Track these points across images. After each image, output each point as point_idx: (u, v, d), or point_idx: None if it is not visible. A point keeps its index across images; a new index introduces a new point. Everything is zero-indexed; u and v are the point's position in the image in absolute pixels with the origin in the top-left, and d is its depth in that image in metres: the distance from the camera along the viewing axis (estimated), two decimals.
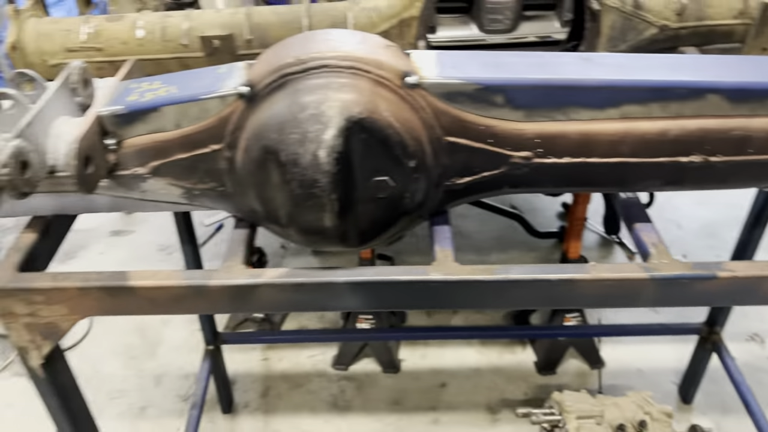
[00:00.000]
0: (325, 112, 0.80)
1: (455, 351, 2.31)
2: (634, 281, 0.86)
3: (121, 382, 2.21)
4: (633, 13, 1.15)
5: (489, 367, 2.25)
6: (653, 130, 0.86)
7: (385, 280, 0.87)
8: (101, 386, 2.19)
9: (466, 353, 2.30)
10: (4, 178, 0.80)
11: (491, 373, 2.23)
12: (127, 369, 2.27)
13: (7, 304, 0.88)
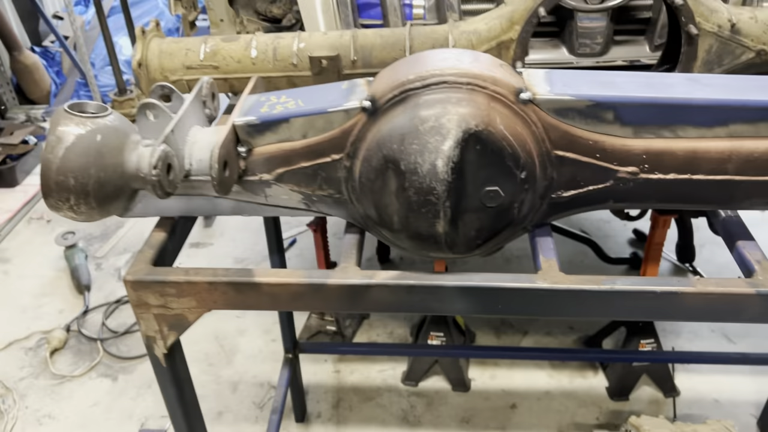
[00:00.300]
0: (444, 124, 0.85)
1: (525, 373, 2.31)
2: (740, 296, 0.87)
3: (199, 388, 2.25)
4: (730, 38, 1.17)
5: (560, 390, 2.24)
6: (760, 149, 0.89)
7: (493, 287, 0.91)
8: None
9: (536, 376, 2.29)
10: (154, 178, 0.88)
11: (562, 397, 2.22)
12: (205, 375, 2.35)
13: (142, 295, 0.96)
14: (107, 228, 3.14)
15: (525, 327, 2.50)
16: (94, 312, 2.64)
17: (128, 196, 1.01)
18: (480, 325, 2.51)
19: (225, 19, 1.67)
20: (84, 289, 2.69)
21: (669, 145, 0.90)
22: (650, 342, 2.15)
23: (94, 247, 3.00)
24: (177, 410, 1.09)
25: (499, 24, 1.23)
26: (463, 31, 1.25)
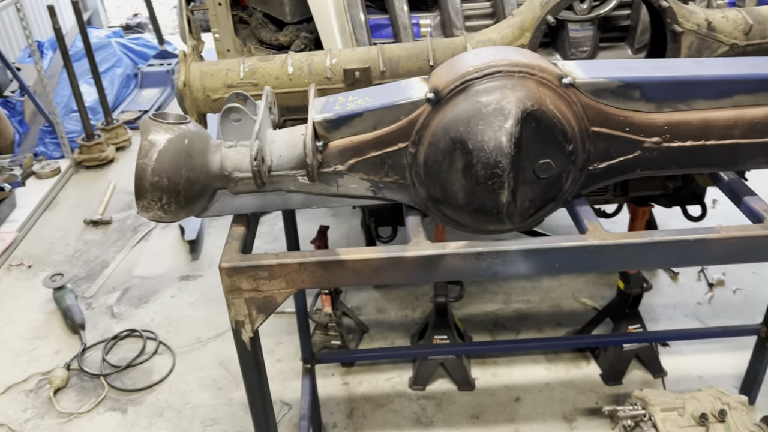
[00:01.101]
0: (505, 106, 1.00)
1: (524, 368, 2.44)
2: (757, 238, 1.04)
3: (212, 411, 2.32)
4: (708, 35, 1.37)
5: (558, 381, 2.38)
6: (760, 115, 1.07)
7: (552, 247, 1.05)
8: (194, 416, 2.30)
9: (535, 370, 2.43)
10: (255, 169, 0.99)
11: (561, 386, 2.36)
12: (216, 399, 2.38)
13: (236, 281, 1.04)
14: (92, 269, 3.13)
15: (517, 327, 2.64)
16: (92, 350, 2.63)
17: (210, 195, 1.11)
18: (476, 329, 2.64)
19: (232, 49, 1.78)
20: (79, 328, 2.67)
21: (685, 116, 1.07)
22: (636, 327, 2.33)
23: (81, 288, 2.98)
24: (257, 395, 1.17)
25: (511, 32, 1.39)
26: (479, 40, 1.41)
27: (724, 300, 2.73)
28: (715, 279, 2.83)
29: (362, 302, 2.84)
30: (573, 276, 2.88)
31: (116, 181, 3.93)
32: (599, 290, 2.78)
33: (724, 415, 1.83)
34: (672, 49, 1.39)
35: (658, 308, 2.68)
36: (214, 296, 2.92)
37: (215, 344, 2.65)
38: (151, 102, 4.86)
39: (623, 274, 2.29)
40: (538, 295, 2.81)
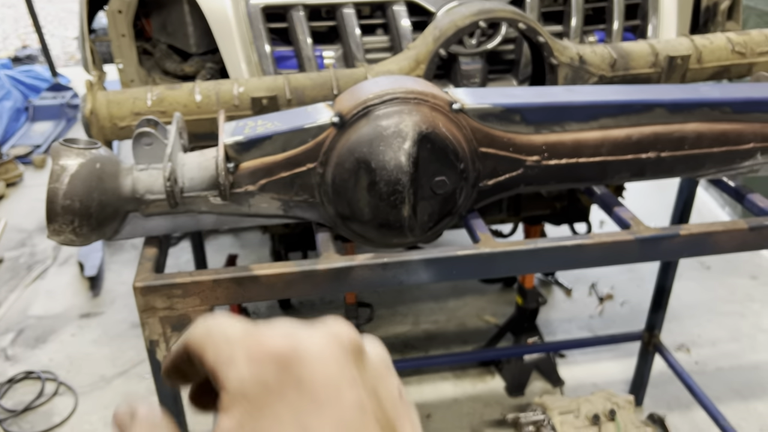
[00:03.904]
0: (402, 129, 1.09)
1: (433, 386, 2.53)
2: (625, 242, 1.19)
3: None
4: (580, 67, 1.54)
5: (465, 396, 2.49)
6: (622, 135, 1.22)
7: (448, 256, 1.14)
8: None
9: (443, 387, 2.53)
10: (168, 189, 1.03)
11: (469, 401, 2.47)
12: None
13: (150, 300, 1.07)
14: None
15: (426, 346, 2.74)
16: None
17: (122, 218, 1.14)
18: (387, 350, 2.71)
19: (136, 79, 1.80)
20: None
21: (560, 137, 1.21)
22: (534, 339, 2.49)
23: None
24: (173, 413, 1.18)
25: (408, 64, 1.51)
26: (378, 71, 1.52)
27: (613, 312, 2.96)
28: (604, 293, 3.06)
29: None
30: (476, 295, 3.03)
31: (7, 218, 3.75)
32: (500, 308, 2.94)
33: (614, 414, 1.99)
34: (550, 80, 1.55)
35: (554, 322, 2.87)
36: (118, 333, 2.84)
37: (120, 381, 2.58)
38: (44, 136, 4.68)
39: (521, 290, 2.46)
40: (445, 315, 2.93)
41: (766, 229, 1.24)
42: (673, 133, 1.24)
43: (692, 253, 1.25)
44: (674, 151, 1.25)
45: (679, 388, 2.24)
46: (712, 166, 1.31)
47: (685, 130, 1.24)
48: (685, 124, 1.24)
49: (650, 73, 1.58)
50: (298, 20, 1.66)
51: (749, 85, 1.39)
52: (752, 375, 2.57)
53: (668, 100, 1.22)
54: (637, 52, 1.56)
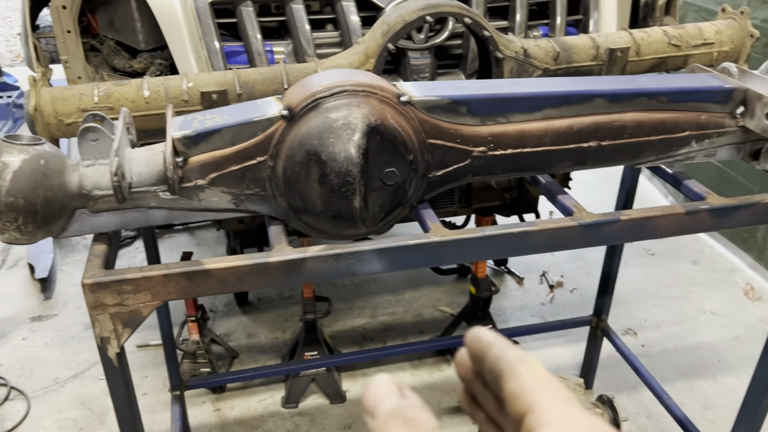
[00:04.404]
0: (352, 121, 1.11)
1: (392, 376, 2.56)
2: (568, 228, 1.23)
3: None
4: (524, 61, 1.59)
5: (423, 384, 2.53)
6: (564, 126, 1.27)
7: (399, 245, 1.17)
8: None
9: (401, 377, 2.56)
10: (116, 184, 1.02)
11: (426, 389, 2.51)
12: None
13: (100, 297, 1.06)
14: None
15: (384, 338, 2.77)
16: None
17: (69, 215, 1.13)
18: (345, 343, 2.73)
19: (83, 77, 1.77)
20: None
21: (505, 128, 1.25)
22: (489, 326, 2.55)
23: None
24: (126, 410, 1.18)
25: (357, 59, 1.53)
26: (328, 65, 1.53)
27: (563, 299, 3.05)
28: (554, 281, 3.14)
29: (231, 328, 2.84)
30: (432, 287, 3.08)
31: None
32: (455, 298, 3.00)
33: None
34: (496, 73, 1.59)
35: (507, 310, 2.94)
36: (71, 335, 2.78)
37: (75, 384, 2.53)
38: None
39: (474, 279, 2.51)
40: (402, 307, 2.96)
41: (701, 213, 1.30)
42: (613, 123, 1.29)
43: (633, 237, 1.31)
44: (614, 139, 1.31)
45: (626, 370, 2.33)
46: (650, 153, 1.37)
47: (624, 119, 1.29)
48: (624, 113, 1.30)
49: (592, 66, 1.63)
50: (247, 15, 1.66)
51: (684, 76, 1.45)
52: (695, 355, 2.69)
53: (607, 91, 1.27)
54: (579, 46, 1.61)
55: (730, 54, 1.72)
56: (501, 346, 0.45)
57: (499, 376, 0.43)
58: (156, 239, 1.95)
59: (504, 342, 0.45)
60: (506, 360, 0.43)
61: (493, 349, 0.45)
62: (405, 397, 0.40)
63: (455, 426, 2.34)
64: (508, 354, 0.44)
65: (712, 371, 2.60)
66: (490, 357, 0.45)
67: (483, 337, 0.46)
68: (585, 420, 0.39)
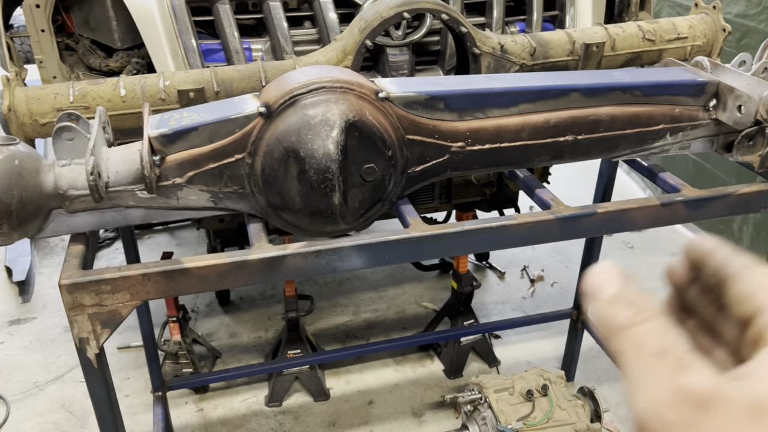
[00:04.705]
0: (330, 118, 1.11)
1: (375, 373, 2.57)
2: (546, 221, 1.24)
3: None
4: (501, 56, 1.60)
5: (406, 380, 2.54)
6: (541, 120, 1.28)
7: (380, 241, 1.17)
8: None
9: (385, 373, 2.57)
10: (92, 183, 1.01)
11: (410, 385, 2.52)
12: None
13: (78, 297, 1.05)
14: None
15: (367, 335, 2.78)
16: None
17: (45, 215, 1.11)
18: (328, 341, 2.73)
19: (58, 76, 1.75)
20: None
21: (482, 123, 1.26)
22: (471, 322, 2.56)
23: None
24: (107, 411, 1.17)
25: (335, 55, 1.53)
26: (306, 63, 1.53)
27: (544, 293, 3.07)
28: (535, 275, 3.17)
29: (213, 328, 2.83)
30: (414, 283, 3.09)
31: None
32: (438, 294, 3.01)
33: (547, 390, 2.08)
34: (473, 69, 1.60)
35: (489, 305, 2.96)
36: (51, 338, 2.75)
37: (55, 387, 2.50)
38: None
39: (455, 274, 2.52)
40: (385, 304, 2.97)
41: (676, 205, 1.32)
42: (589, 117, 1.30)
43: (610, 229, 1.32)
44: (590, 133, 1.32)
45: (607, 362, 2.36)
46: (626, 147, 1.39)
47: (599, 113, 1.31)
48: (600, 107, 1.31)
49: (568, 61, 1.65)
50: (224, 13, 1.65)
51: (658, 70, 1.47)
52: None
53: (583, 85, 1.29)
54: (556, 41, 1.63)
55: (703, 48, 1.75)
56: (727, 252, 0.45)
57: (724, 281, 0.43)
58: (135, 240, 1.94)
59: (730, 249, 0.45)
60: (734, 264, 0.44)
61: (717, 254, 0.45)
62: (628, 284, 0.40)
63: (439, 420, 2.35)
64: (735, 259, 0.44)
65: None
66: (714, 262, 0.45)
67: (706, 243, 0.46)
68: None
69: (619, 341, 0.37)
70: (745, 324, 0.41)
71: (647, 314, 0.37)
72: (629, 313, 0.37)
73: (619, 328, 0.37)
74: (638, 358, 0.36)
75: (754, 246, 3.07)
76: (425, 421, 2.36)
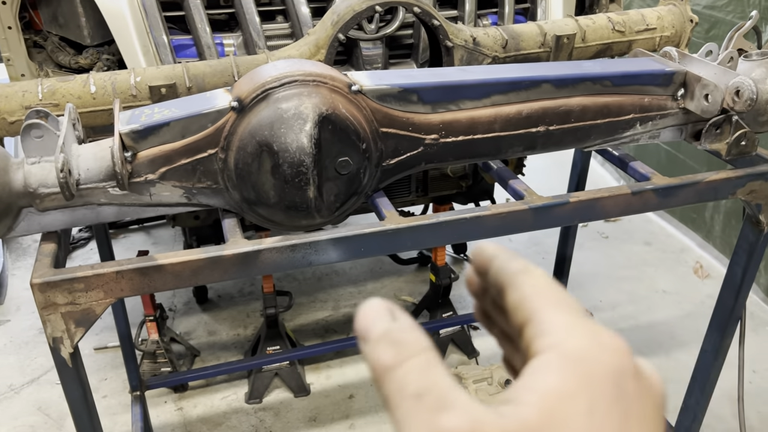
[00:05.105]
0: (303, 111, 1.11)
1: (355, 367, 2.58)
2: (520, 211, 1.26)
3: None
4: (474, 49, 1.61)
5: None
6: (513, 111, 1.29)
7: (355, 234, 1.18)
8: None
9: (365, 367, 2.57)
10: (62, 181, 1.00)
11: None
12: None
13: (50, 296, 1.04)
14: None
15: (347, 330, 2.78)
16: None
17: (15, 214, 1.10)
18: (308, 337, 2.73)
19: (27, 73, 1.73)
20: None
21: (456, 115, 1.26)
22: (449, 313, 2.58)
23: None
24: (83, 411, 1.16)
25: (308, 49, 1.52)
26: (279, 57, 1.52)
27: None
28: None
29: (191, 326, 2.81)
30: (393, 277, 3.10)
31: None
32: (417, 287, 3.02)
33: None
34: (446, 62, 1.61)
35: (467, 297, 2.98)
36: (25, 340, 2.71)
37: (31, 390, 2.47)
38: None
39: (433, 267, 2.53)
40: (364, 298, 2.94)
41: (646, 193, 1.34)
42: (560, 107, 1.32)
43: (582, 218, 1.34)
44: (562, 124, 1.34)
45: None
46: (597, 137, 1.40)
47: (570, 104, 1.33)
48: (571, 98, 1.33)
49: (539, 53, 1.67)
50: (195, 8, 1.64)
51: (627, 61, 1.49)
52: (649, 333, 2.77)
53: (554, 76, 1.30)
54: (527, 33, 1.64)
55: (671, 39, 1.78)
56: (504, 257, 0.43)
57: (502, 289, 0.42)
58: (109, 238, 1.92)
59: (508, 253, 0.43)
60: (508, 271, 0.41)
61: (496, 261, 0.43)
62: (396, 320, 0.37)
63: None
64: (510, 265, 0.42)
65: (666, 348, 2.68)
66: (493, 270, 0.43)
67: (486, 250, 0.44)
68: (587, 329, 0.36)
69: (384, 385, 0.34)
70: (521, 333, 0.39)
71: (410, 352, 0.35)
72: (393, 353, 0.35)
73: (384, 370, 0.35)
74: (401, 402, 0.33)
75: (725, 233, 3.13)
76: None
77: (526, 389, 0.34)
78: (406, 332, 0.36)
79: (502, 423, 0.32)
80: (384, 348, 0.35)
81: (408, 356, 0.35)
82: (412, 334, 0.36)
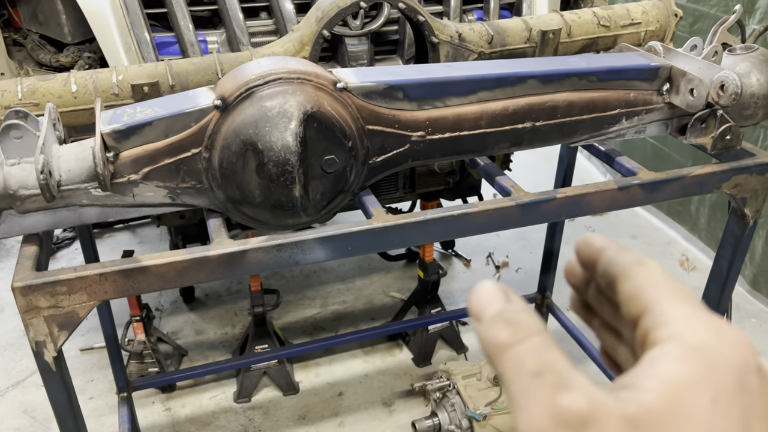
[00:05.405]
0: (287, 109, 1.10)
1: (344, 365, 2.57)
2: (507, 208, 1.26)
3: None
4: (460, 45, 1.60)
5: (376, 370, 2.55)
6: (499, 108, 1.29)
7: (343, 233, 1.17)
8: None
9: (354, 364, 2.57)
10: (43, 182, 0.98)
11: (379, 375, 2.52)
12: None
13: (33, 300, 1.02)
14: None
15: (335, 327, 2.77)
16: None
17: None
18: (296, 335, 2.72)
19: (6, 72, 1.70)
20: None
21: (442, 112, 1.26)
22: (438, 310, 2.58)
23: None
24: (68, 416, 1.14)
25: (293, 46, 1.51)
26: (263, 54, 1.51)
27: (509, 278, 3.11)
28: (500, 262, 3.20)
29: (179, 326, 2.79)
30: (382, 273, 3.09)
31: None
32: (405, 283, 3.02)
33: None
34: (432, 58, 1.60)
35: (455, 292, 2.98)
36: (9, 342, 2.68)
37: (16, 392, 2.44)
38: None
39: (422, 263, 2.53)
40: (353, 295, 2.97)
41: (633, 188, 1.35)
42: (546, 103, 1.32)
43: (569, 214, 1.34)
44: (548, 120, 1.33)
45: (571, 345, 2.39)
46: (583, 132, 1.40)
47: (556, 99, 1.32)
48: (557, 93, 1.32)
49: (525, 48, 1.66)
50: (177, 5, 1.62)
51: (612, 55, 1.49)
52: None
53: (539, 72, 1.30)
54: (513, 29, 1.64)
55: (656, 33, 1.78)
56: (614, 249, 0.43)
57: (613, 280, 0.42)
58: (93, 239, 1.89)
59: (617, 245, 0.43)
60: (620, 263, 0.42)
61: (606, 253, 0.43)
62: (510, 301, 0.38)
63: (409, 409, 2.37)
64: (622, 257, 0.42)
65: None
66: (602, 261, 0.44)
67: (594, 242, 0.45)
68: (709, 321, 0.36)
69: (500, 362, 0.35)
70: (635, 324, 0.39)
71: (527, 332, 0.36)
72: (509, 332, 0.36)
73: (500, 348, 0.36)
74: (518, 379, 0.34)
75: (711, 226, 3.16)
76: (395, 410, 2.37)
77: (648, 376, 0.34)
78: (521, 313, 0.37)
79: (622, 407, 0.32)
80: (500, 327, 0.36)
81: (525, 336, 0.35)
82: (528, 315, 0.37)
